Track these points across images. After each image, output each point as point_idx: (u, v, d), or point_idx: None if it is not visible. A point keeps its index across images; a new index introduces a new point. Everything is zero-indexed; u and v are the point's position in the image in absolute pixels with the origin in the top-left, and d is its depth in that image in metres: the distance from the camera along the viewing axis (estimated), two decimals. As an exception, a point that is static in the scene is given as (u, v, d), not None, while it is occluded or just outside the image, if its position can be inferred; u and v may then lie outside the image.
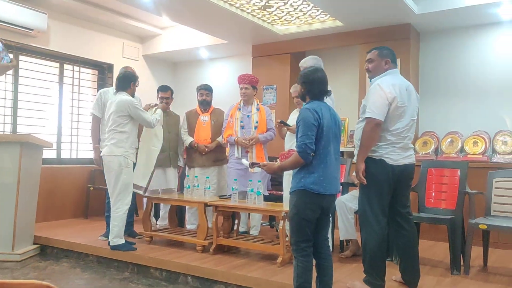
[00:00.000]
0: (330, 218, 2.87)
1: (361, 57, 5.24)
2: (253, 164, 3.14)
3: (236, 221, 4.35)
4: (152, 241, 4.38)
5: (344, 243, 4.19)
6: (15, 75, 5.41)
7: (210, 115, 4.90)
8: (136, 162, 4.25)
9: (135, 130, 4.18)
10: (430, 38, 5.40)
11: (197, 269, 3.57)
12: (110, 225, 4.13)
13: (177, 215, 4.93)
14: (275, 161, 3.11)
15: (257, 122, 4.58)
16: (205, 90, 4.91)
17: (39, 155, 4.65)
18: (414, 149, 3.42)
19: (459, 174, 3.84)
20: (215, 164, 4.83)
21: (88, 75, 6.43)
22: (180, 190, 5.02)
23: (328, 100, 2.95)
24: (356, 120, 3.14)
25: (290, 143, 3.96)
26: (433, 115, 5.33)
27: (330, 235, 2.90)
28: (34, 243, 4.58)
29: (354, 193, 3.93)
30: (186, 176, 4.75)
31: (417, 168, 3.47)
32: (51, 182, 5.50)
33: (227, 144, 4.73)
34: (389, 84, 2.91)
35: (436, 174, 3.99)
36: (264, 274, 3.35)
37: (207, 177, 4.57)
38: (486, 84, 5.04)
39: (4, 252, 4.19)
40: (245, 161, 3.49)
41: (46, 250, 4.56)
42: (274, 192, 4.87)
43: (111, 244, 4.02)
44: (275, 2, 4.89)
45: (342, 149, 5.12)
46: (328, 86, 2.80)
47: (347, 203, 3.87)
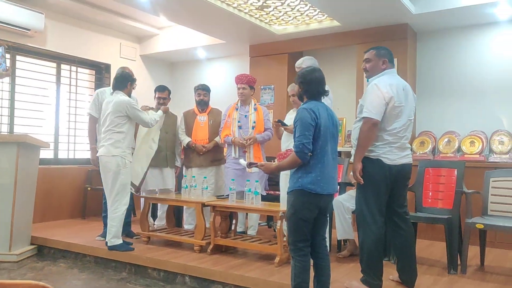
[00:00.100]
0: (328, 218, 2.87)
1: (358, 57, 5.26)
2: (250, 164, 3.13)
3: (234, 221, 4.35)
4: (149, 241, 4.38)
5: (342, 243, 4.20)
6: (12, 75, 5.39)
7: (208, 115, 4.90)
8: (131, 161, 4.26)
9: (132, 130, 4.19)
10: (427, 38, 5.41)
11: (195, 269, 3.57)
12: (107, 225, 4.12)
13: (175, 215, 4.92)
14: (272, 161, 3.11)
15: (254, 122, 4.58)
16: (202, 90, 4.91)
17: (36, 155, 4.64)
18: (411, 149, 3.43)
19: (456, 173, 3.86)
20: (212, 164, 4.83)
21: (85, 75, 6.42)
22: (177, 190, 5.02)
23: (326, 99, 2.95)
24: (354, 120, 3.15)
25: (287, 143, 3.96)
26: (430, 115, 5.34)
27: (327, 235, 2.91)
28: (31, 244, 4.57)
29: (352, 192, 3.94)
30: (184, 176, 4.75)
31: (414, 168, 3.48)
32: (48, 182, 5.49)
33: (224, 144, 4.73)
34: (386, 84, 2.92)
35: (433, 173, 4.00)
36: (261, 274, 3.36)
37: (205, 177, 4.58)
38: (483, 84, 5.06)
39: (1, 253, 4.18)
40: (242, 161, 3.49)
41: (43, 251, 4.55)
42: (271, 192, 4.87)
43: (108, 245, 4.02)
44: (273, 2, 4.90)
45: (339, 149, 5.12)
46: (326, 86, 2.81)
47: (345, 203, 3.87)
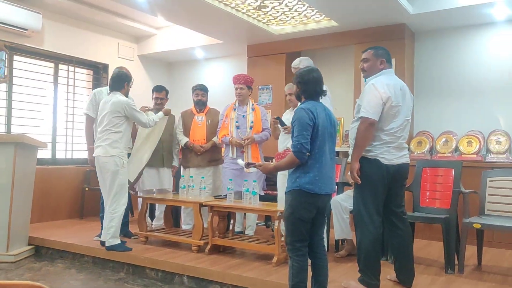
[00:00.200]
0: (326, 218, 2.87)
1: (356, 57, 5.26)
2: (248, 164, 3.13)
3: (232, 221, 4.35)
4: (147, 242, 4.38)
5: (339, 243, 4.20)
6: (10, 75, 5.38)
7: (206, 115, 4.89)
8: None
9: (129, 130, 4.19)
10: (425, 38, 5.42)
11: (193, 269, 3.57)
12: (104, 226, 4.13)
13: (173, 215, 4.92)
14: (270, 161, 3.12)
15: (252, 122, 4.58)
16: (200, 90, 4.91)
17: (33, 156, 4.63)
18: (409, 149, 3.43)
19: (453, 173, 3.86)
20: (210, 164, 4.83)
21: (83, 75, 6.41)
22: (175, 190, 5.01)
23: (326, 99, 2.95)
24: (351, 119, 3.15)
25: (284, 143, 3.96)
26: (428, 115, 5.35)
27: (325, 235, 2.91)
28: (29, 244, 4.56)
29: (349, 192, 3.94)
30: (182, 176, 4.75)
31: (412, 168, 3.49)
32: (46, 182, 5.48)
33: (222, 144, 4.73)
34: (384, 84, 2.92)
35: (430, 173, 4.01)
36: (259, 274, 3.36)
37: (203, 177, 4.57)
38: (481, 84, 5.07)
39: (-2, 253, 4.18)
40: (240, 161, 3.49)
41: (41, 251, 4.54)
42: (269, 192, 4.87)
43: (106, 245, 4.02)
44: (270, 2, 4.90)
45: (337, 148, 5.13)
46: (324, 86, 2.81)
47: (342, 203, 3.88)
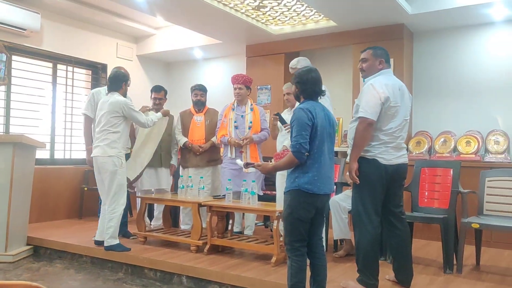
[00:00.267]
0: (324, 218, 2.87)
1: (354, 57, 5.26)
2: (247, 165, 3.13)
3: (230, 221, 4.35)
4: (146, 242, 4.37)
5: (338, 243, 4.20)
6: (8, 75, 5.37)
7: (204, 115, 4.89)
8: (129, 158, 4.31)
9: (127, 130, 4.20)
10: (424, 38, 5.43)
11: (191, 269, 3.57)
12: (101, 226, 4.14)
13: (171, 215, 4.92)
14: (269, 161, 3.12)
15: (251, 122, 4.58)
16: (199, 90, 4.90)
17: (32, 156, 4.63)
18: (407, 149, 3.44)
19: (452, 173, 3.86)
20: (209, 164, 4.82)
21: (82, 75, 6.41)
22: (174, 190, 5.01)
23: (325, 99, 2.95)
24: (350, 119, 3.15)
25: (283, 144, 3.96)
26: (427, 115, 5.36)
27: (324, 235, 2.91)
28: (27, 244, 4.55)
29: (348, 192, 3.95)
30: (180, 176, 4.75)
31: (410, 168, 3.49)
32: (44, 182, 5.48)
33: (221, 144, 4.73)
34: (382, 84, 2.93)
35: (429, 173, 4.01)
36: (258, 274, 3.36)
37: (201, 177, 4.57)
38: (479, 84, 5.08)
39: (-3, 253, 4.18)
40: (239, 161, 3.49)
41: (40, 251, 4.53)
42: (268, 192, 4.87)
43: (105, 245, 4.01)
44: (269, 2, 4.90)
45: (336, 148, 5.13)
46: (323, 86, 2.81)
47: (341, 203, 3.88)
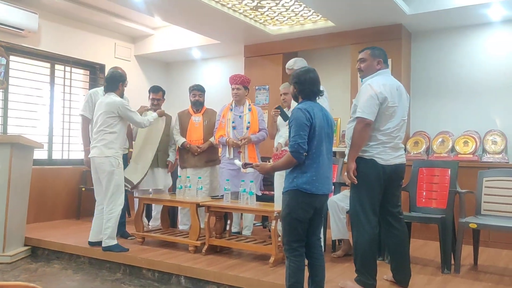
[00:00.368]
0: (323, 218, 2.88)
1: (352, 57, 5.27)
2: (245, 165, 3.13)
3: (229, 222, 4.35)
4: (144, 242, 4.37)
5: (336, 243, 4.20)
6: (6, 75, 5.35)
7: (203, 116, 4.89)
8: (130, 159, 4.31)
9: (124, 131, 4.21)
10: (422, 38, 5.44)
11: (190, 270, 3.56)
12: (94, 226, 4.15)
13: (170, 215, 4.91)
14: (267, 162, 3.12)
15: (249, 123, 4.58)
16: (197, 91, 4.90)
17: (30, 156, 4.62)
18: (405, 149, 3.44)
19: (449, 173, 3.88)
20: (207, 164, 4.82)
21: (80, 75, 6.40)
22: (173, 191, 5.01)
23: (323, 99, 2.95)
24: (348, 120, 3.16)
25: (280, 140, 3.98)
26: (425, 115, 5.37)
27: (322, 235, 2.91)
28: (25, 245, 4.54)
29: (346, 192, 3.95)
30: (178, 177, 4.74)
31: (408, 168, 3.50)
32: (42, 183, 5.47)
33: (219, 144, 4.73)
34: (380, 84, 2.93)
35: (427, 173, 4.01)
36: (256, 274, 3.36)
37: (200, 178, 4.57)
38: (477, 84, 5.09)
39: (-6, 254, 4.17)
40: (237, 161, 3.49)
41: (37, 252, 4.52)
42: (266, 192, 4.87)
43: (103, 245, 4.01)
44: (267, 3, 4.90)
45: (334, 149, 5.14)
46: (321, 87, 2.81)
47: (339, 203, 3.88)
